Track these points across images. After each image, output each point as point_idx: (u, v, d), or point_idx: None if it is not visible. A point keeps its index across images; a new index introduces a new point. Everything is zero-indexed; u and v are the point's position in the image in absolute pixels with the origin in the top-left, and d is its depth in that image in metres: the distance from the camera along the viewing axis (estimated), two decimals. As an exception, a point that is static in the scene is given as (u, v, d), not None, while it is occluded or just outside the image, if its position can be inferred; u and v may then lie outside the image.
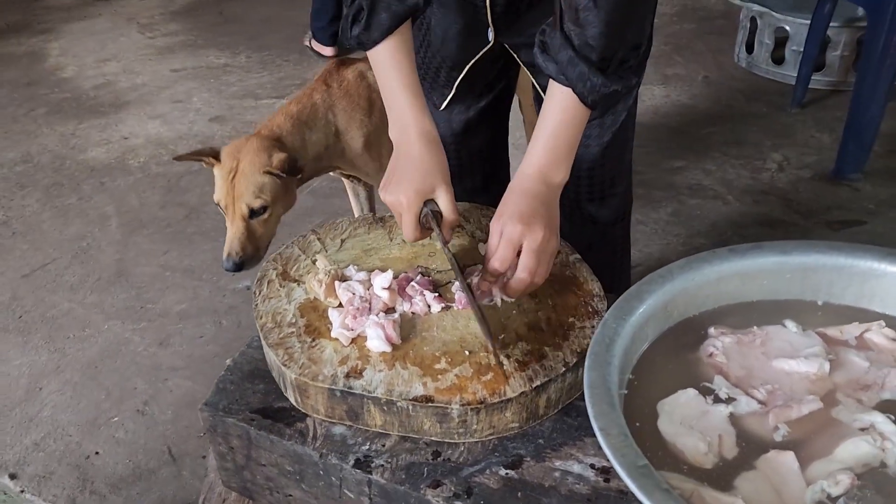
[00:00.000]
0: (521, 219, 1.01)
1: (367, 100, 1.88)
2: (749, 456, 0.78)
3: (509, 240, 1.01)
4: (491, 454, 0.93)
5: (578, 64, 0.99)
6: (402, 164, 1.13)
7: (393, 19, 1.13)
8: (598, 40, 0.98)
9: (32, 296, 2.38)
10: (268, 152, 1.67)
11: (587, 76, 1.00)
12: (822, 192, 2.64)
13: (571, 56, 0.99)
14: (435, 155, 1.13)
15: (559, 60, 1.01)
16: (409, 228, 1.10)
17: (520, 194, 1.05)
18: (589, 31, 0.97)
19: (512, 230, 1.01)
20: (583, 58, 0.99)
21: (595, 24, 0.97)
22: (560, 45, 1.00)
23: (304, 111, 1.81)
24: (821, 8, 3.00)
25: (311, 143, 1.80)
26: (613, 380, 0.81)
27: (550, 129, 1.06)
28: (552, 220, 1.04)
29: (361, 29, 1.14)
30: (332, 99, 1.85)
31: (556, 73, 1.02)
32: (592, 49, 0.99)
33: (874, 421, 0.80)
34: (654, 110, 3.28)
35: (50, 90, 3.90)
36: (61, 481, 1.75)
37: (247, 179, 1.64)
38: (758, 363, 0.89)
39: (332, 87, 1.87)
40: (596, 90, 1.01)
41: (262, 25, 4.64)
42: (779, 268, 0.98)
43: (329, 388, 0.94)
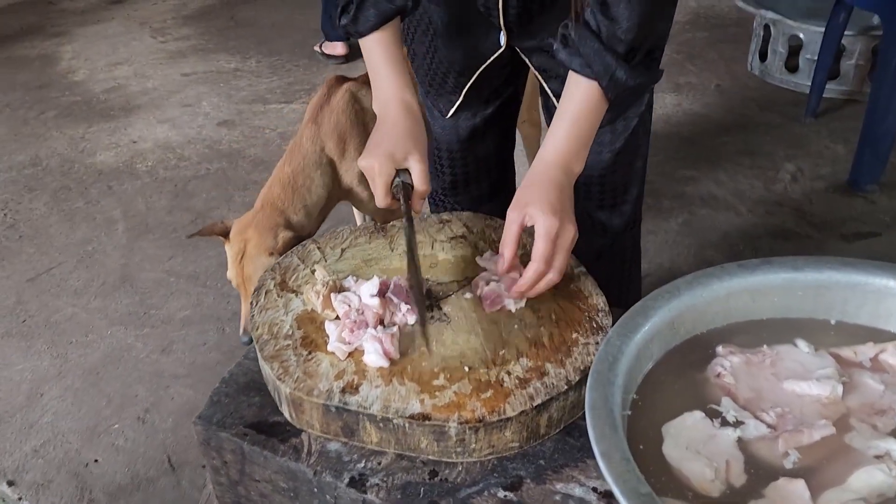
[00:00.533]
0: (555, 212, 0.99)
1: (361, 125, 1.84)
2: (758, 483, 0.75)
3: (549, 235, 0.99)
4: (490, 475, 0.90)
5: (605, 56, 0.99)
6: (379, 132, 1.16)
7: (379, 16, 1.15)
8: (628, 33, 0.97)
9: (37, 300, 2.37)
10: (273, 232, 1.68)
11: (614, 69, 0.99)
12: (837, 204, 2.59)
13: (598, 48, 0.99)
14: (410, 122, 1.15)
15: (584, 53, 1.00)
16: (380, 193, 1.12)
17: (547, 184, 1.03)
18: (622, 25, 0.97)
19: (550, 225, 0.99)
20: (611, 50, 0.98)
21: (627, 17, 0.96)
22: (587, 38, 0.99)
23: (298, 174, 1.77)
24: (836, 16, 2.96)
25: (313, 204, 1.79)
26: (616, 400, 0.78)
27: (572, 117, 1.04)
28: (572, 212, 1.04)
29: (349, 20, 1.17)
30: (323, 138, 1.82)
31: (580, 66, 1.01)
32: (621, 42, 0.98)
33: (889, 448, 0.76)
34: (666, 119, 3.24)
35: (61, 93, 3.91)
36: (59, 489, 1.74)
37: (254, 263, 1.66)
38: (767, 384, 0.86)
39: (322, 122, 1.83)
40: (620, 83, 1.00)
41: (273, 30, 4.64)
42: (790, 284, 0.94)
43: (324, 403, 0.92)
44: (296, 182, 1.77)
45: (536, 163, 1.06)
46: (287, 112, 3.55)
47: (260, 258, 1.65)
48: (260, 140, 3.30)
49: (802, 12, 3.34)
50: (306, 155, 1.80)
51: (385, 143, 1.13)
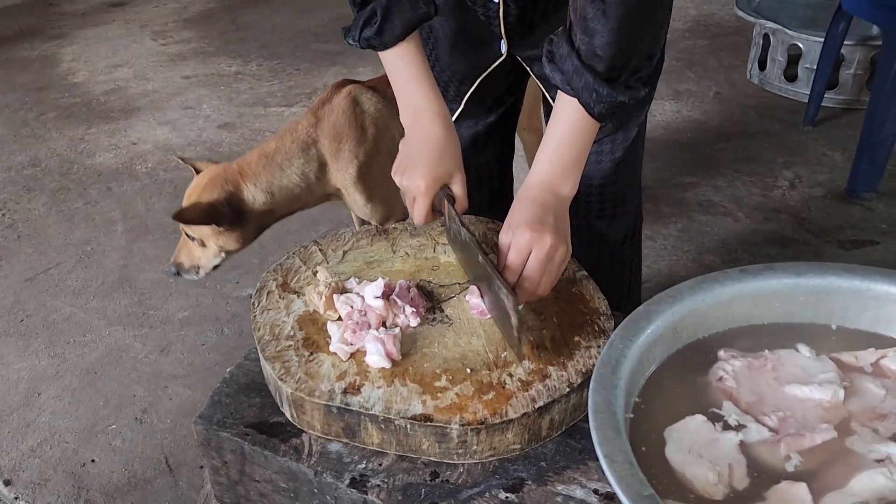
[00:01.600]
0: (530, 226, 0.98)
1: (360, 128, 1.84)
2: (760, 487, 0.75)
3: (518, 248, 0.98)
4: (491, 476, 0.90)
5: (584, 74, 0.96)
6: (417, 147, 1.12)
7: (405, 26, 1.13)
8: (605, 50, 0.95)
9: (35, 300, 2.37)
10: (216, 189, 1.71)
11: (593, 87, 0.97)
12: (834, 212, 2.60)
13: (577, 66, 0.97)
14: (452, 138, 1.13)
15: (565, 70, 0.98)
16: (422, 212, 1.10)
17: (527, 203, 1.03)
18: (597, 41, 0.95)
19: (520, 238, 0.98)
20: (588, 68, 0.96)
21: (603, 33, 0.94)
22: (566, 55, 0.98)
23: (280, 150, 1.78)
24: (835, 26, 2.97)
25: (282, 185, 1.78)
26: (619, 403, 0.78)
27: (557, 140, 1.04)
28: (561, 229, 1.02)
29: (373, 33, 1.13)
30: (318, 132, 1.82)
31: (562, 82, 1.00)
32: (600, 59, 0.96)
33: (891, 452, 0.76)
34: (665, 126, 3.25)
35: (61, 95, 3.91)
36: (56, 489, 1.73)
37: (192, 207, 1.71)
38: (769, 389, 0.86)
39: (321, 118, 1.83)
40: (602, 101, 0.97)
41: (274, 34, 4.65)
42: (792, 290, 0.95)
43: (326, 404, 0.92)
44: (273, 157, 1.77)
45: (524, 186, 1.05)
46: (288, 115, 3.55)
47: (196, 205, 1.69)
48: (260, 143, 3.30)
49: (802, 22, 3.35)
50: (296, 139, 1.80)
51: (426, 161, 1.10)
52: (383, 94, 1.88)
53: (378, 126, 1.86)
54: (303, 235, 2.58)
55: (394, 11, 1.11)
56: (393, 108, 1.90)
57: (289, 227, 2.64)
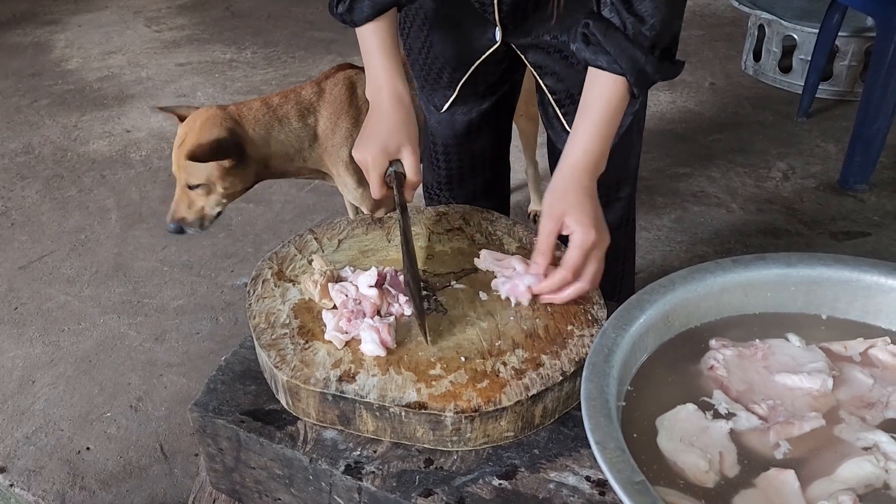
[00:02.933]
0: (593, 224, 1.01)
1: (354, 108, 1.85)
2: (750, 474, 0.76)
3: (584, 246, 1.01)
4: (485, 463, 0.91)
5: (633, 51, 0.99)
6: (373, 123, 1.17)
7: (373, 8, 1.16)
8: (652, 30, 0.99)
9: (29, 288, 2.37)
10: (215, 128, 1.66)
11: (642, 63, 1.00)
12: (827, 203, 2.61)
13: (625, 44, 0.99)
14: (403, 115, 1.16)
15: (610, 49, 1.00)
16: (376, 185, 1.15)
17: (580, 192, 1.04)
18: (647, 21, 0.98)
19: (586, 237, 1.01)
20: (638, 46, 0.99)
21: (652, 12, 0.98)
22: (612, 34, 1.00)
23: (282, 106, 1.78)
24: (829, 17, 2.98)
25: (278, 139, 1.77)
26: (612, 391, 0.79)
27: (601, 117, 1.05)
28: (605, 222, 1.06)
29: (345, 10, 1.18)
30: (319, 103, 1.82)
31: (608, 63, 1.01)
32: (646, 38, 0.99)
33: (878, 440, 0.78)
34: (660, 116, 3.25)
35: (54, 81, 3.89)
36: (51, 476, 1.74)
37: (184, 154, 1.64)
38: (759, 377, 0.87)
39: (323, 91, 1.84)
40: (647, 78, 1.01)
41: (269, 21, 4.63)
42: (783, 280, 0.96)
43: (321, 391, 0.92)
44: (276, 109, 1.76)
45: (565, 166, 1.06)
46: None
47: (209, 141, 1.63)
48: (254, 131, 3.29)
49: (797, 13, 3.36)
50: (299, 101, 1.80)
51: (378, 136, 1.15)
52: None
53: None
54: (298, 224, 2.58)
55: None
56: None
57: (283, 217, 2.65)
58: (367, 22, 1.17)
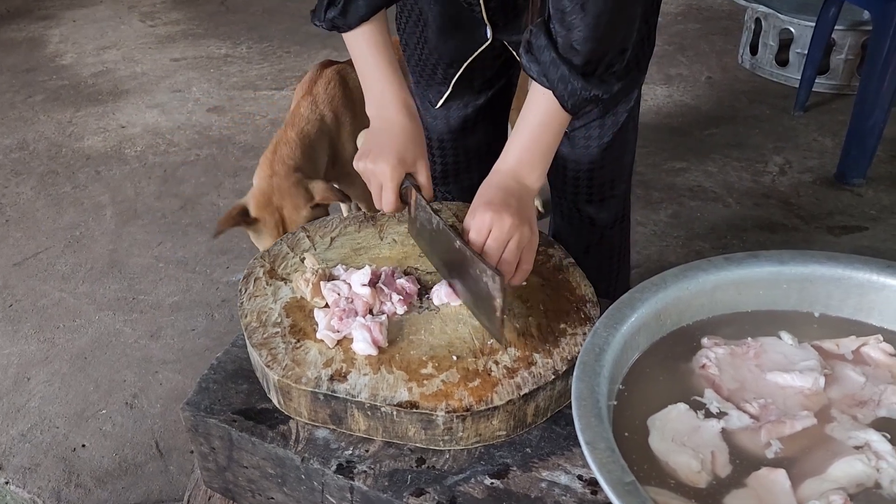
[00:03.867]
0: (490, 206, 1.00)
1: (350, 103, 1.86)
2: (741, 473, 0.76)
3: (478, 228, 1.00)
4: (476, 462, 0.91)
5: (560, 66, 0.97)
6: (382, 136, 1.14)
7: (369, 7, 1.13)
8: (582, 44, 0.95)
9: (23, 284, 2.36)
10: (301, 186, 1.66)
11: (568, 79, 0.97)
12: (824, 197, 2.61)
13: (554, 58, 0.97)
14: (415, 127, 1.15)
15: (542, 61, 0.99)
16: (391, 198, 1.11)
17: (491, 187, 1.04)
18: (574, 35, 0.95)
19: (480, 218, 1.00)
20: (565, 61, 0.97)
21: (580, 27, 0.94)
22: (544, 47, 0.98)
23: (304, 133, 1.77)
24: (826, 11, 2.97)
25: (321, 161, 1.78)
26: (602, 391, 0.79)
27: (528, 129, 1.04)
28: (523, 211, 1.02)
29: (337, 13, 1.14)
30: (320, 107, 1.83)
31: (538, 74, 1.00)
32: (577, 52, 0.96)
33: (869, 439, 0.78)
34: (657, 110, 3.25)
35: (48, 77, 3.87)
36: (47, 473, 1.74)
37: (298, 224, 1.61)
38: (751, 376, 0.87)
39: (317, 95, 1.84)
40: (576, 94, 0.98)
41: (264, 16, 4.61)
42: (775, 278, 0.96)
43: (312, 391, 0.92)
44: (303, 142, 1.77)
45: (491, 172, 1.07)
46: (278, 98, 3.53)
47: (301, 214, 1.63)
48: (250, 126, 3.29)
49: (794, 6, 3.35)
50: (308, 120, 1.80)
51: (392, 148, 1.11)
52: None
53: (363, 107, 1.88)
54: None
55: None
56: None
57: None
58: (361, 23, 1.14)
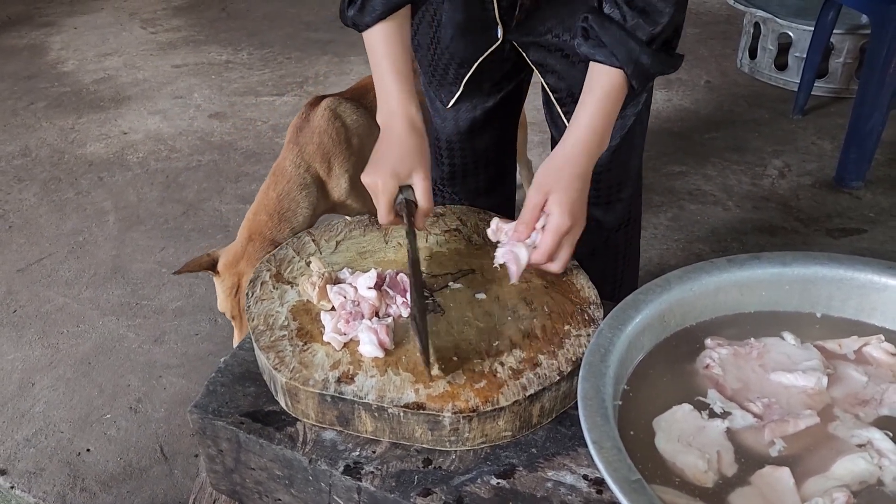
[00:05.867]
0: (571, 212, 1.03)
1: (344, 143, 1.83)
2: (746, 472, 0.77)
3: (557, 231, 1.03)
4: (483, 463, 0.91)
5: (629, 42, 1.01)
6: (384, 148, 1.15)
7: (385, 5, 1.14)
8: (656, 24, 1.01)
9: (27, 290, 2.37)
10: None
11: (638, 54, 1.02)
12: (823, 200, 2.62)
13: (622, 36, 1.02)
14: (415, 140, 1.14)
15: (608, 42, 1.02)
16: (384, 211, 1.12)
17: (571, 174, 1.06)
18: (652, 15, 1.01)
19: (562, 223, 1.03)
20: (633, 37, 1.01)
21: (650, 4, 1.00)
22: (608, 28, 1.02)
23: (283, 201, 1.77)
24: (824, 15, 2.99)
25: (300, 225, 1.77)
26: (608, 391, 0.80)
27: (595, 107, 1.07)
28: (583, 201, 1.07)
29: (356, 10, 1.16)
30: (306, 159, 1.80)
31: (605, 56, 1.03)
32: (645, 31, 1.02)
33: (871, 437, 0.79)
34: (656, 115, 3.26)
35: (50, 84, 3.89)
36: (52, 478, 1.74)
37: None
38: (755, 376, 0.88)
39: (304, 144, 1.81)
40: (645, 69, 1.03)
41: (265, 22, 4.63)
42: (778, 279, 0.97)
43: (320, 392, 0.93)
44: (282, 207, 1.76)
45: (565, 144, 1.08)
46: (279, 104, 3.55)
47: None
48: (251, 132, 3.30)
49: (792, 11, 3.37)
50: (290, 178, 1.78)
51: (388, 160, 1.12)
52: (359, 104, 1.88)
53: (360, 136, 1.86)
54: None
55: None
56: (370, 115, 1.90)
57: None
58: (377, 21, 1.15)
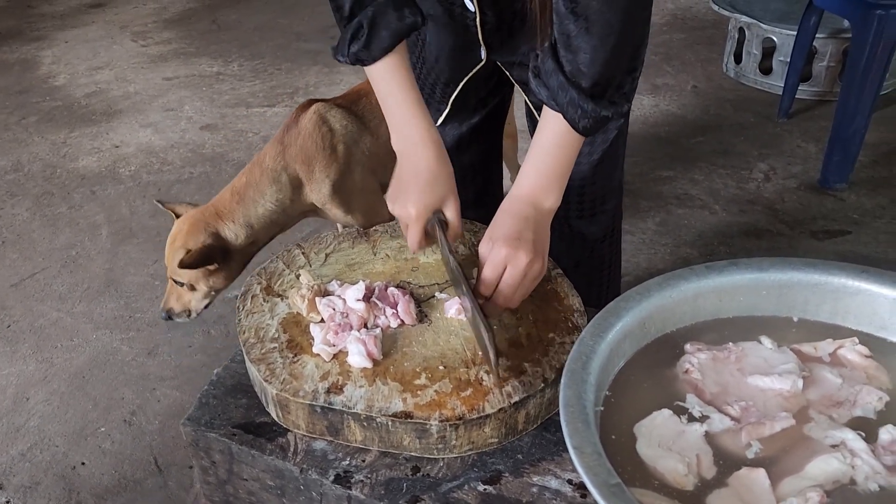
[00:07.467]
0: (508, 242, 1.02)
1: (328, 148, 1.84)
2: (724, 474, 0.79)
3: (494, 263, 1.02)
4: (470, 469, 0.94)
5: (569, 90, 0.99)
6: (410, 175, 1.13)
7: (393, 37, 1.11)
8: (589, 67, 0.98)
9: (21, 305, 2.38)
10: (197, 234, 1.74)
11: (577, 102, 0.99)
12: (808, 202, 2.66)
13: (562, 82, 1.00)
14: (445, 167, 1.13)
15: (550, 86, 1.01)
16: (416, 239, 1.12)
17: (508, 216, 1.06)
18: (580, 58, 0.97)
19: (497, 253, 1.02)
20: (573, 84, 0.99)
21: (586, 50, 0.96)
22: (552, 71, 1.00)
23: (250, 184, 1.80)
24: (807, 19, 3.03)
25: (258, 216, 1.79)
26: (589, 397, 0.82)
27: (542, 153, 1.06)
28: (540, 244, 1.05)
29: (361, 46, 1.11)
30: (287, 159, 1.82)
31: (547, 98, 1.02)
32: (584, 75, 0.99)
33: (845, 438, 0.81)
34: (643, 120, 3.30)
35: (42, 98, 3.90)
36: (47, 492, 1.75)
37: (173, 255, 1.73)
38: (732, 379, 0.91)
39: (288, 145, 1.83)
40: (587, 116, 1.01)
41: (256, 33, 4.65)
42: (755, 284, 0.99)
43: (310, 403, 0.95)
44: (245, 194, 1.79)
45: (507, 197, 1.09)
46: (270, 115, 3.57)
47: (177, 254, 1.72)
48: (243, 144, 3.32)
49: (776, 16, 3.41)
50: (265, 171, 1.81)
51: (418, 189, 1.11)
52: (349, 111, 1.90)
53: (347, 143, 1.86)
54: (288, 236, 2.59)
55: (380, 23, 1.10)
56: (360, 122, 1.91)
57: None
58: (385, 54, 1.12)
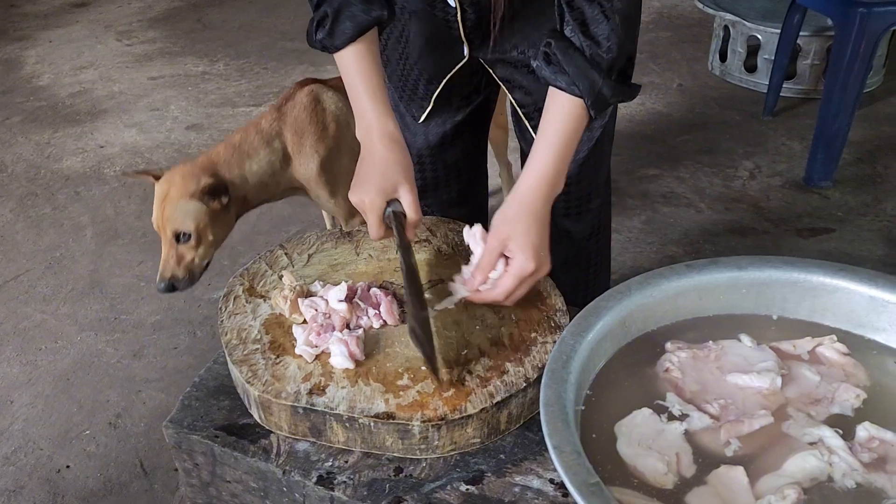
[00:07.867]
0: (535, 255, 1.03)
1: (321, 124, 1.89)
2: (703, 472, 0.80)
3: (520, 276, 1.03)
4: (452, 470, 0.94)
5: (591, 72, 1.02)
6: (367, 165, 1.16)
7: (356, 28, 1.15)
8: (609, 53, 1.02)
9: (4, 307, 2.36)
10: (196, 178, 1.71)
11: (599, 85, 1.03)
12: (793, 200, 2.68)
13: (584, 65, 1.02)
14: (396, 154, 1.15)
15: (570, 71, 1.03)
16: (374, 228, 1.13)
17: (531, 218, 1.06)
18: (603, 45, 1.02)
19: (525, 268, 1.03)
20: (596, 67, 1.03)
21: (607, 35, 1.01)
22: (571, 55, 1.03)
23: (245, 140, 1.83)
24: (791, 17, 3.05)
25: (252, 171, 1.82)
26: (570, 397, 0.82)
27: (558, 137, 1.07)
28: (543, 241, 1.07)
29: (325, 34, 1.16)
30: (281, 126, 1.86)
31: (567, 83, 1.04)
32: (604, 60, 1.03)
33: (822, 435, 0.82)
34: (629, 118, 3.31)
35: (25, 98, 3.87)
36: (32, 496, 1.74)
37: (173, 205, 1.69)
38: (712, 378, 0.91)
39: (284, 113, 1.88)
40: (605, 100, 1.04)
41: (241, 33, 4.64)
42: (735, 283, 1.00)
43: (292, 405, 0.95)
44: (240, 146, 1.82)
45: (521, 188, 1.08)
46: (256, 115, 3.55)
47: (180, 200, 1.69)
48: (228, 143, 3.31)
49: (760, 14, 3.43)
50: (260, 131, 1.85)
51: (372, 178, 1.13)
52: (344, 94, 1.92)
53: (339, 123, 1.92)
54: (274, 236, 2.60)
55: (344, 13, 1.14)
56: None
57: (259, 228, 2.67)
58: (349, 44, 1.15)
